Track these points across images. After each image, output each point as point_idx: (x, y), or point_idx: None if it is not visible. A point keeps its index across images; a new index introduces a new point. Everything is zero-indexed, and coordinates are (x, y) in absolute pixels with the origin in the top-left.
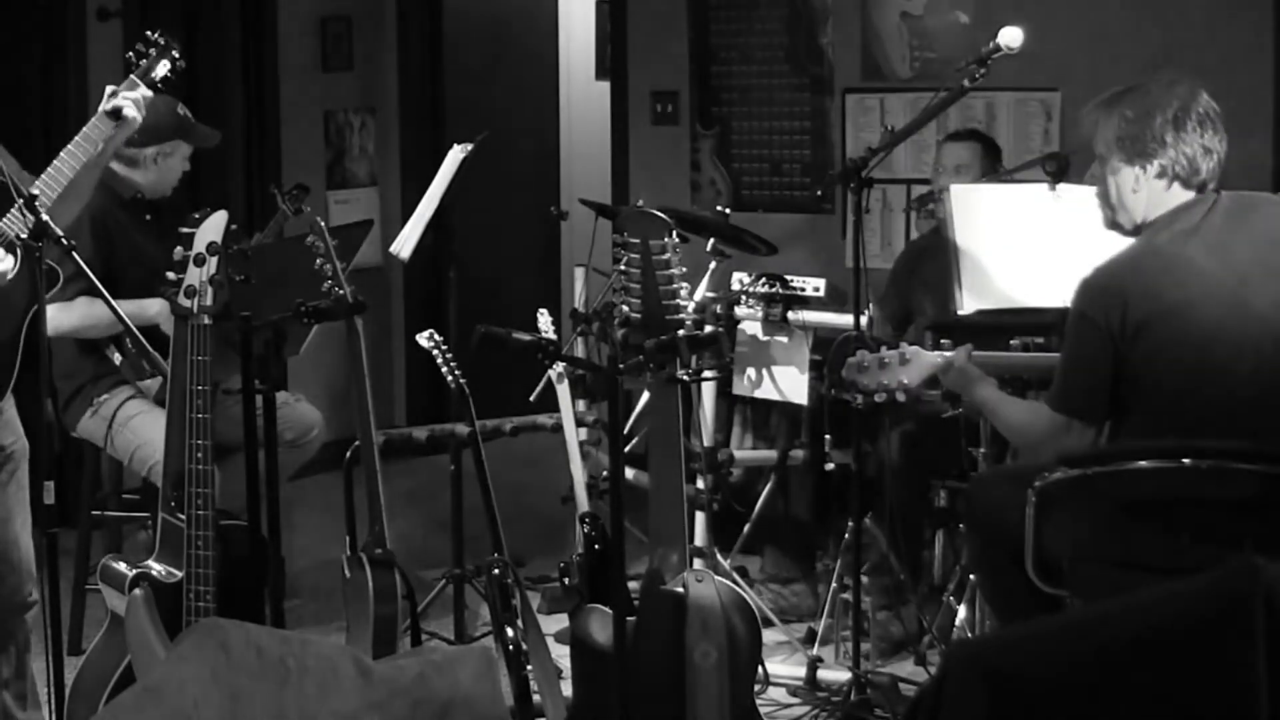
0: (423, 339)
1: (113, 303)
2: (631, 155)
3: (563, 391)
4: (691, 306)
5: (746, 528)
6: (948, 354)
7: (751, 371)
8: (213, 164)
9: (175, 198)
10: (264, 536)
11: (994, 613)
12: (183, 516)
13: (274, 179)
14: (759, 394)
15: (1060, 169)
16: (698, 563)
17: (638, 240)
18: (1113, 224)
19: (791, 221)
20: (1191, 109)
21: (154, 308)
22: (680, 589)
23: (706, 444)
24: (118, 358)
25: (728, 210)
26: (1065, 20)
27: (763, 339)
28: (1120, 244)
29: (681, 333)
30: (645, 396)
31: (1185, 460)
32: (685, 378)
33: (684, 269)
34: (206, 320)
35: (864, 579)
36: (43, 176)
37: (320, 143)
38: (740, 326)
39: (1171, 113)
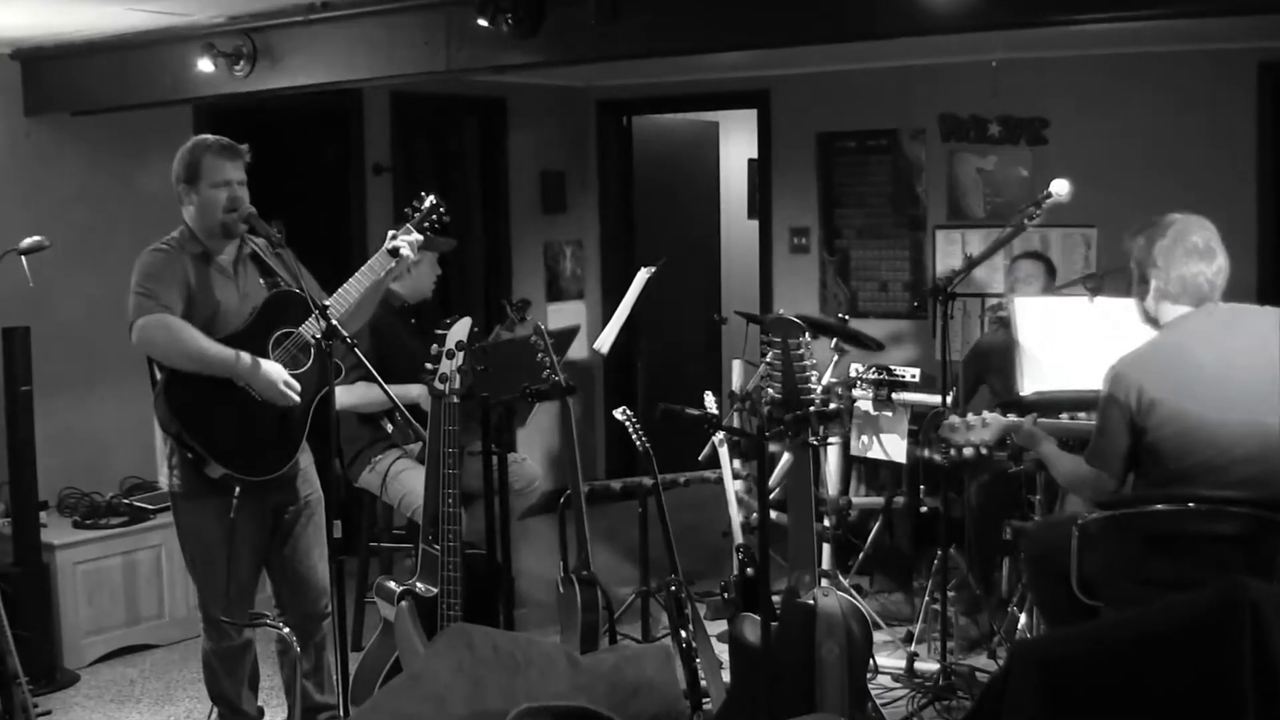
0: (618, 413)
1: (385, 386)
2: (774, 275)
3: (723, 453)
4: (819, 389)
5: (861, 555)
6: (1017, 419)
7: (865, 438)
8: (460, 282)
9: (431, 307)
10: (499, 562)
11: (1044, 619)
12: (437, 547)
13: (506, 295)
14: (870, 454)
15: (1097, 286)
16: (824, 581)
17: (779, 339)
18: (1144, 321)
19: (895, 325)
20: (1184, 240)
21: (415, 390)
22: (811, 601)
23: (831, 492)
24: (389, 427)
25: (846, 317)
26: (1100, 173)
27: (873, 413)
28: (1142, 340)
29: (812, 409)
30: (785, 457)
31: (1190, 504)
32: (815, 442)
33: (814, 361)
34: (455, 399)
35: (949, 594)
36: (336, 293)
37: (541, 266)
38: (856, 404)
39: (1166, 244)
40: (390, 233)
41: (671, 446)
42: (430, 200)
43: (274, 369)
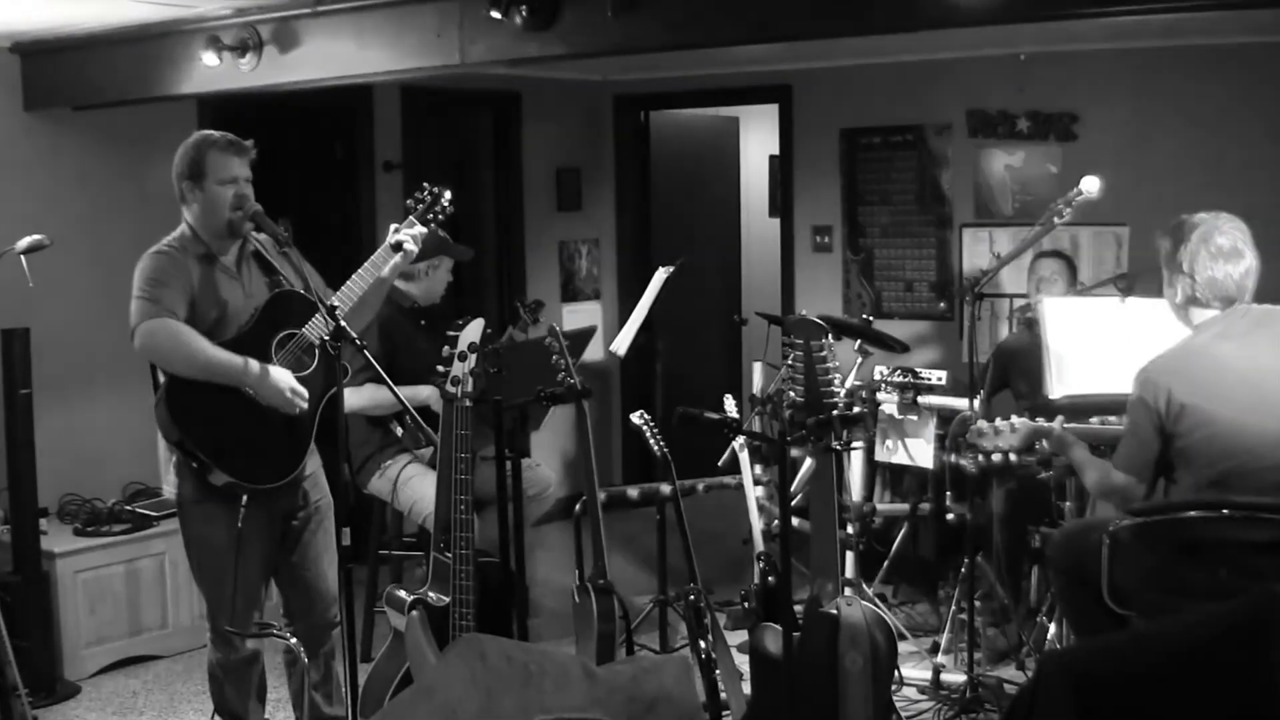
0: (635, 417)
1: (394, 388)
2: (796, 275)
3: (743, 458)
4: (843, 392)
5: (885, 563)
6: (1047, 424)
7: (889, 442)
8: (472, 282)
9: (443, 308)
10: (512, 570)
11: (1073, 630)
12: (449, 555)
13: (520, 295)
14: (895, 460)
15: (1128, 286)
16: (848, 590)
17: (801, 341)
18: (1180, 321)
19: (920, 326)
20: (1209, 242)
21: (424, 391)
22: (834, 611)
23: (855, 499)
24: (399, 431)
25: (870, 318)
26: (1132, 169)
27: (898, 417)
28: (1173, 342)
29: (835, 413)
30: (807, 462)
31: (1223, 510)
32: (838, 447)
33: (837, 363)
34: (468, 403)
35: (976, 603)
36: (339, 292)
37: (556, 266)
38: (880, 408)
39: (1191, 246)
40: (393, 227)
41: (690, 451)
42: (434, 192)
43: (281, 375)
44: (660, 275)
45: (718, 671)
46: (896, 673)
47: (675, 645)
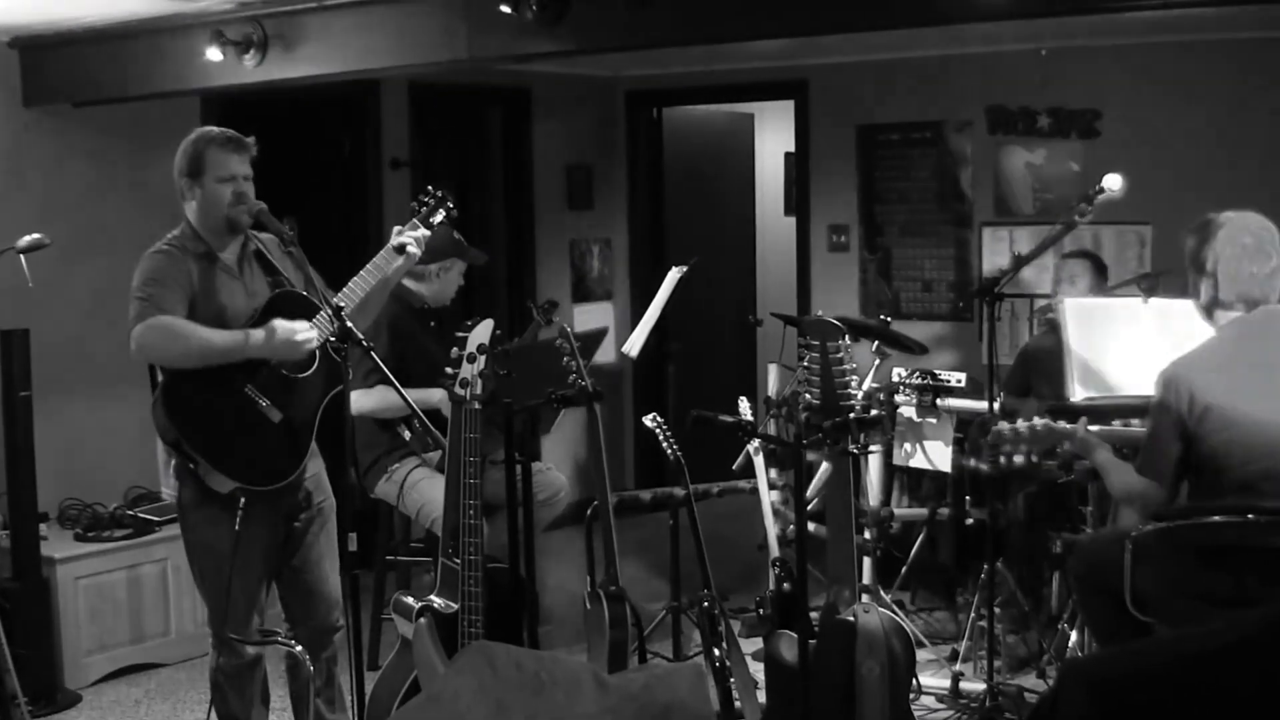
0: (648, 420)
1: (402, 391)
2: (812, 275)
3: (758, 462)
4: (860, 394)
5: (903, 569)
6: (1069, 426)
7: (907, 446)
8: (482, 282)
9: (452, 308)
10: (522, 576)
11: (1095, 637)
12: (458, 561)
13: (530, 295)
14: (913, 464)
15: (1151, 286)
16: (865, 597)
17: (817, 342)
18: (1206, 320)
19: (939, 328)
20: (1238, 240)
21: (435, 395)
22: (851, 618)
23: (872, 503)
24: (407, 434)
25: (888, 318)
26: (1155, 166)
27: (916, 420)
28: (1197, 342)
29: (852, 415)
30: (824, 466)
31: (1249, 515)
32: (855, 451)
33: (854, 365)
34: (477, 405)
35: (996, 610)
36: (341, 292)
37: (567, 265)
38: (898, 410)
39: (1216, 245)
40: (396, 229)
41: (704, 455)
42: (438, 195)
43: (281, 326)
44: (673, 275)
45: (732, 680)
46: (914, 681)
47: (689, 653)
